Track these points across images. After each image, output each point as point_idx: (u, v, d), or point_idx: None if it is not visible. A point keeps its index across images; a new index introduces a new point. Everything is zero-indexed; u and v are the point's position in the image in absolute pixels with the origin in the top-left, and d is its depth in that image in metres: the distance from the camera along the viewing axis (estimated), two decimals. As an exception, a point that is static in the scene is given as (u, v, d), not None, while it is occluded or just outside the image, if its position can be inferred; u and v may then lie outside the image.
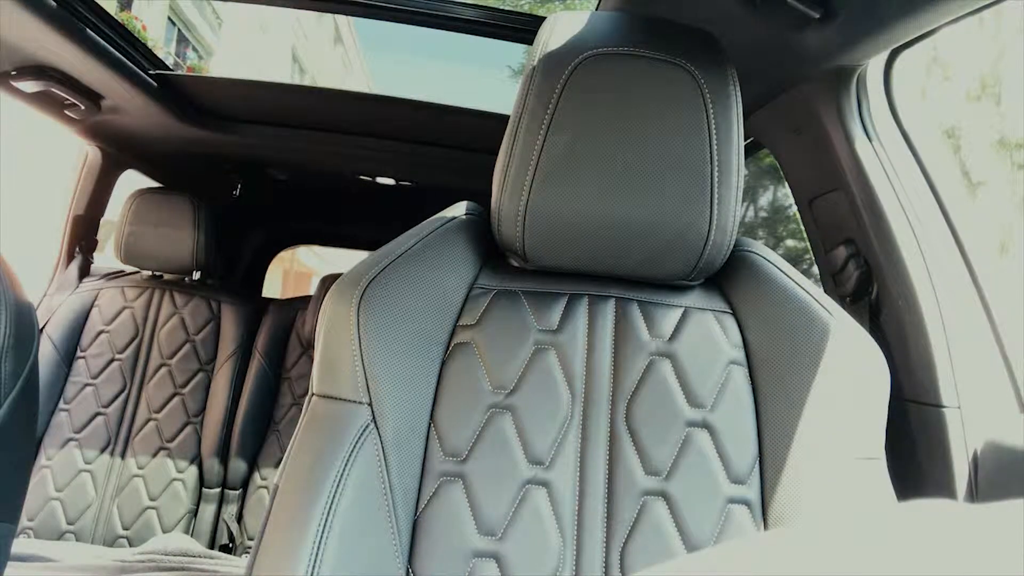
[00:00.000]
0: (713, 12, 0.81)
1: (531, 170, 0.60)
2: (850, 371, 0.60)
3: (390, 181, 1.87)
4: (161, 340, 1.62)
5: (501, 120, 0.65)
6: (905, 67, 0.84)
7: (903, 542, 0.16)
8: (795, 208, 1.03)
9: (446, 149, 1.58)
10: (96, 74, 1.21)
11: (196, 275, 1.72)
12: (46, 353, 1.52)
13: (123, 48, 1.20)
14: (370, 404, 0.56)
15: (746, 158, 0.81)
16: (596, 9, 0.96)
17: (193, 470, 1.58)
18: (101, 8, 1.12)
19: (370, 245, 2.30)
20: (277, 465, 1.68)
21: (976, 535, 0.16)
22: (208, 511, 1.60)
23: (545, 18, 0.66)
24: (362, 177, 1.86)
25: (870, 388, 0.61)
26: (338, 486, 0.53)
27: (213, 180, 1.91)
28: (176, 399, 1.60)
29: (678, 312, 0.66)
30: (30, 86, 1.20)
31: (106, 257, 1.82)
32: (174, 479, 1.55)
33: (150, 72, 1.31)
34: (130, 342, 1.61)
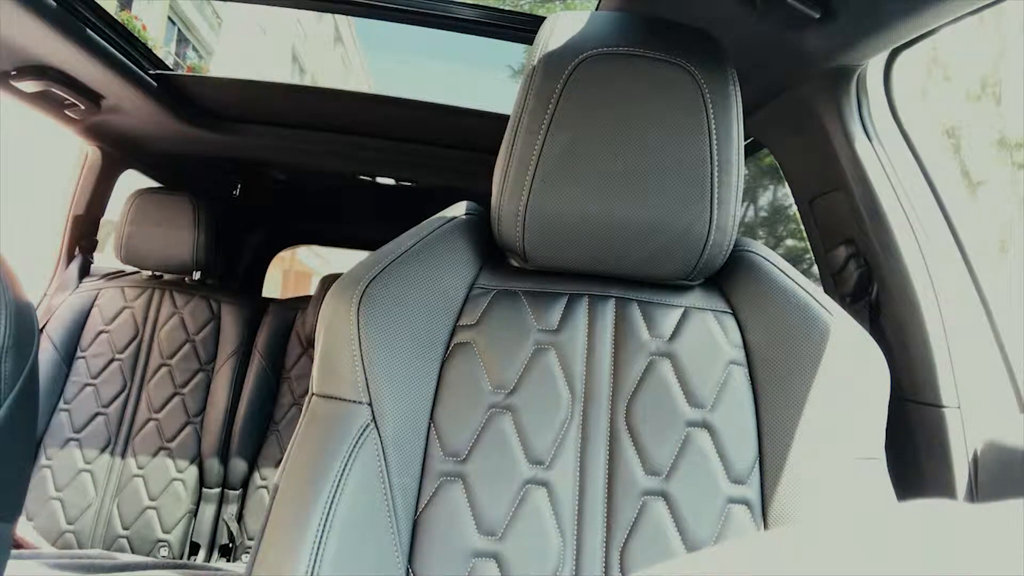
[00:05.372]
0: (713, 12, 0.81)
1: (531, 170, 0.59)
2: (850, 371, 0.60)
3: (390, 181, 1.87)
4: (161, 340, 1.62)
5: (501, 120, 0.65)
6: (905, 67, 0.84)
7: (903, 542, 0.16)
8: (795, 208, 1.03)
9: (446, 149, 1.58)
10: (96, 74, 1.21)
11: (196, 275, 1.72)
12: (46, 353, 1.52)
13: (123, 48, 1.20)
14: (370, 404, 0.56)
15: (746, 158, 0.81)
16: (596, 9, 0.96)
17: (193, 470, 1.57)
18: (101, 8, 1.12)
19: (370, 245, 2.30)
20: (277, 465, 1.68)
21: (976, 535, 0.16)
22: (208, 511, 1.60)
23: (545, 18, 0.65)
24: (362, 177, 1.86)
25: (870, 388, 0.61)
26: (338, 486, 0.53)
27: (213, 180, 1.91)
28: (176, 399, 1.59)
29: (678, 312, 0.66)
30: (30, 86, 1.20)
31: (106, 257, 1.82)
32: (174, 479, 1.55)
33: (150, 72, 1.31)
34: (130, 342, 1.61)
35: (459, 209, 0.69)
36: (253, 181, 1.97)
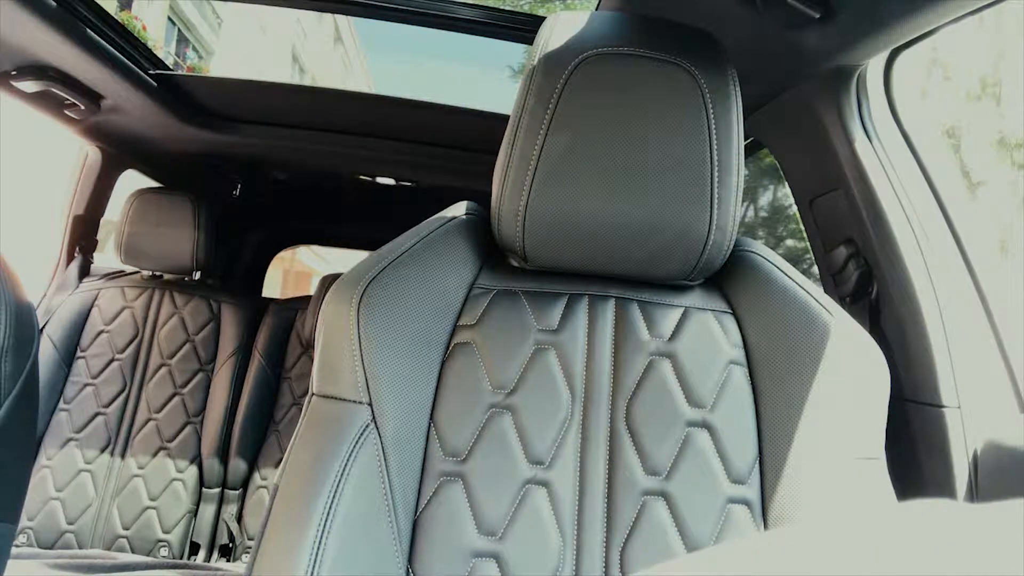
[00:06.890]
0: (713, 12, 0.81)
1: (531, 170, 0.60)
2: (850, 371, 0.60)
3: (390, 181, 1.87)
4: (161, 340, 1.62)
5: (501, 120, 0.65)
6: (905, 67, 0.84)
7: (903, 542, 0.16)
8: (795, 208, 1.03)
9: (446, 149, 1.58)
10: (96, 74, 1.21)
11: (196, 275, 1.72)
12: (46, 353, 1.52)
13: (123, 48, 1.20)
14: (370, 404, 0.56)
15: (746, 158, 0.81)
16: (596, 9, 0.96)
17: (193, 470, 1.57)
18: (101, 8, 1.12)
19: (370, 245, 2.30)
20: (277, 465, 1.68)
21: (976, 535, 0.16)
22: (208, 511, 1.60)
23: (545, 18, 0.66)
24: (362, 177, 1.86)
25: (870, 388, 0.61)
26: (338, 486, 0.53)
27: (213, 180, 1.91)
28: (176, 399, 1.59)
29: (678, 312, 0.66)
30: (30, 86, 1.20)
31: (106, 257, 1.82)
32: (174, 479, 1.55)
33: (150, 72, 1.31)
34: (130, 342, 1.61)
35: (459, 209, 0.69)
36: (253, 181, 1.97)
